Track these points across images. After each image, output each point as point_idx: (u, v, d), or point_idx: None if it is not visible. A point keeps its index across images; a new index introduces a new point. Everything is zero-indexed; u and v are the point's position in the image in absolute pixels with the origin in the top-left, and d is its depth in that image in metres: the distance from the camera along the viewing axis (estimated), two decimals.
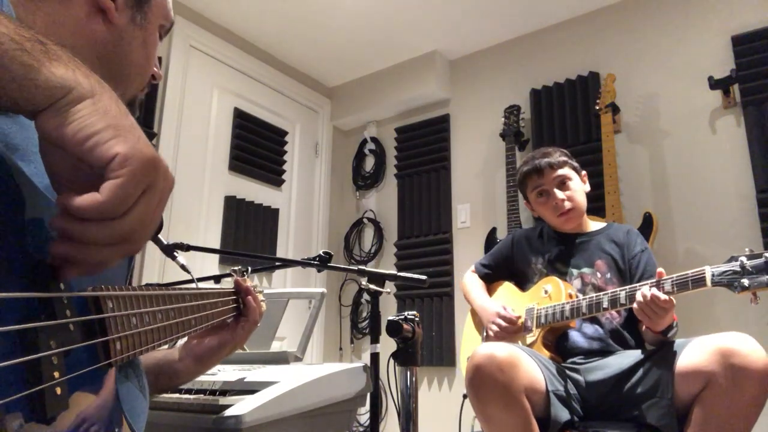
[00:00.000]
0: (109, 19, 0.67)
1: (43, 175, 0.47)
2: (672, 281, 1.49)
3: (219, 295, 0.92)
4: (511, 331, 1.79)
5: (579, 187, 1.88)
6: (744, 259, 1.38)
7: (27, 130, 0.52)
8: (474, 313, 2.07)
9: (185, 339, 0.98)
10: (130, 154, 0.43)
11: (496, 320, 1.82)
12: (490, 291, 2.05)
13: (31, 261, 0.45)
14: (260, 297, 1.08)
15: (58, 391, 0.44)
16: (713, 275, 1.41)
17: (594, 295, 1.67)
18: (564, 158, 1.89)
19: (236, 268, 1.17)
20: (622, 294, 1.59)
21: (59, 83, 0.43)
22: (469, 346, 2.04)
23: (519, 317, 1.81)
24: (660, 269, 1.54)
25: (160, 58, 0.91)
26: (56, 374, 0.44)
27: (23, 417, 0.40)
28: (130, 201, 0.44)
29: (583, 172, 1.95)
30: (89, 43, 0.66)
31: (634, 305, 1.53)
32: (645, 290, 1.50)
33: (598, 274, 1.79)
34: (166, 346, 0.99)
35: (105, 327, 0.51)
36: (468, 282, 2.08)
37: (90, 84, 0.45)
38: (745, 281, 1.36)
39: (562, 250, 1.88)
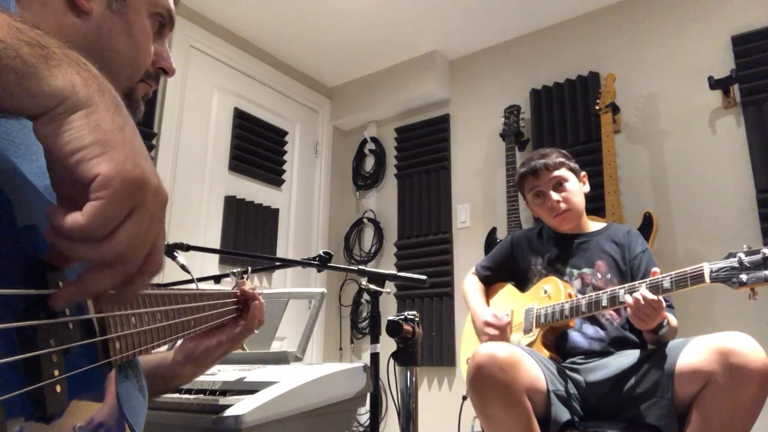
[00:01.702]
0: (81, 8, 0.65)
1: (43, 175, 0.47)
2: (671, 278, 1.49)
3: (219, 296, 0.92)
4: (500, 338, 1.81)
5: (576, 188, 1.88)
6: (742, 255, 1.38)
7: (30, 129, 0.52)
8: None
9: (182, 340, 0.98)
10: (112, 175, 0.41)
11: (486, 330, 1.85)
12: (491, 293, 2.05)
13: (29, 260, 0.45)
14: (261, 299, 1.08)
15: (58, 389, 0.44)
16: (711, 271, 1.42)
17: (593, 293, 1.67)
18: (561, 159, 1.89)
19: (237, 270, 1.17)
20: (621, 292, 1.59)
21: (54, 92, 0.41)
22: (469, 347, 2.04)
23: (508, 324, 1.83)
24: (654, 269, 1.55)
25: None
26: (56, 372, 0.44)
27: (23, 416, 0.40)
28: (113, 223, 0.42)
29: (583, 173, 1.95)
30: (70, 38, 0.64)
31: (628, 310, 1.53)
32: (636, 295, 1.51)
33: (599, 275, 1.79)
34: (164, 348, 0.99)
35: (104, 326, 0.51)
36: (467, 285, 2.09)
37: (88, 92, 0.43)
38: (743, 277, 1.36)
39: (561, 250, 1.88)
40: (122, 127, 0.45)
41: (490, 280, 2.07)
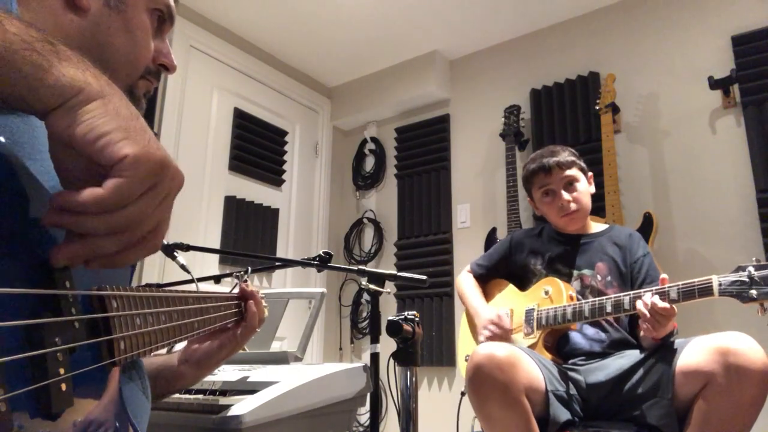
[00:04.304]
0: (78, 5, 0.65)
1: (49, 174, 0.48)
2: (678, 289, 1.47)
3: (222, 299, 0.92)
4: (504, 338, 1.79)
5: (585, 189, 1.86)
6: (752, 269, 1.36)
7: (35, 128, 0.52)
8: (469, 314, 2.06)
9: (185, 343, 0.98)
10: (141, 156, 0.44)
11: (489, 326, 1.83)
12: (489, 290, 2.04)
13: (36, 259, 0.45)
14: (263, 302, 1.08)
15: (63, 387, 0.44)
16: (720, 285, 1.40)
17: (597, 299, 1.66)
18: (572, 158, 1.87)
19: (239, 271, 1.17)
20: (626, 299, 1.57)
21: (69, 83, 0.43)
22: (466, 345, 2.03)
23: (511, 329, 1.82)
24: (664, 276, 1.53)
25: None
26: (61, 371, 0.44)
27: (29, 413, 0.41)
28: (131, 199, 0.44)
29: (590, 174, 1.93)
30: (68, 36, 0.64)
31: (640, 318, 1.52)
32: (645, 298, 1.49)
33: (599, 277, 1.78)
34: (165, 350, 0.99)
35: (109, 326, 0.51)
36: (463, 283, 2.06)
37: (100, 85, 0.45)
38: (754, 292, 1.35)
39: (562, 250, 1.87)
40: (137, 116, 0.47)
41: (486, 278, 2.05)
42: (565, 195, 1.83)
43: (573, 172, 1.85)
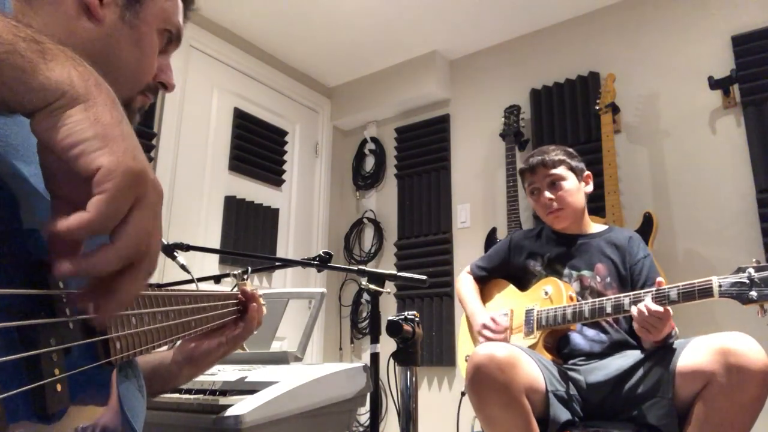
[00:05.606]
0: (94, 15, 0.66)
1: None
2: (678, 290, 1.47)
3: (220, 298, 0.92)
4: (500, 339, 1.80)
5: (573, 188, 1.86)
6: (752, 270, 1.36)
7: (27, 130, 0.52)
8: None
9: (181, 341, 0.98)
10: (114, 167, 0.42)
11: (483, 332, 1.84)
12: (489, 290, 2.04)
13: (30, 261, 0.45)
14: (261, 301, 1.07)
15: (59, 388, 0.44)
16: (720, 286, 1.40)
17: (597, 300, 1.66)
18: (561, 157, 1.87)
19: (238, 271, 1.17)
20: (626, 300, 1.57)
21: (53, 86, 0.42)
22: (466, 346, 2.04)
23: (506, 326, 1.81)
24: (660, 278, 1.53)
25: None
26: (56, 371, 0.44)
27: (24, 414, 0.40)
28: (119, 215, 0.43)
29: (586, 173, 1.92)
30: (79, 43, 0.65)
31: (634, 321, 1.52)
32: (640, 305, 1.50)
33: (598, 278, 1.78)
34: (164, 348, 0.99)
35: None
36: (462, 285, 2.07)
37: (86, 87, 0.44)
38: (753, 293, 1.35)
39: (561, 251, 1.87)
40: (120, 121, 0.45)
41: (485, 279, 2.05)
42: (547, 194, 1.84)
43: (559, 171, 1.85)
